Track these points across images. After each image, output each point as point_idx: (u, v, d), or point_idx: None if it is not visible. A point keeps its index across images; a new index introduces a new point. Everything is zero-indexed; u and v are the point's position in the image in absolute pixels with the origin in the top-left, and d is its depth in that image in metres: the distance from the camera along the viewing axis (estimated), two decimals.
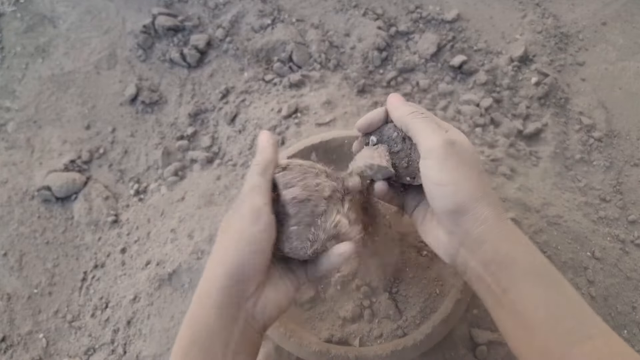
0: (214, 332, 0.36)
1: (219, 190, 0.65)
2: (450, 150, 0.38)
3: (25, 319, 0.64)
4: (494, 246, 0.36)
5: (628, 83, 0.77)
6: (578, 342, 0.33)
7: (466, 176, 0.38)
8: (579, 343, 0.33)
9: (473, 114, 0.72)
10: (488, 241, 0.37)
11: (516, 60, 0.77)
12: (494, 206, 0.38)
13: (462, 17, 0.82)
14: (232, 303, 0.37)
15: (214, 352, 0.36)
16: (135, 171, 0.73)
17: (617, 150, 0.72)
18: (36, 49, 0.84)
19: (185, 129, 0.75)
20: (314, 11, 0.83)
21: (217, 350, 0.36)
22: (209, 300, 0.37)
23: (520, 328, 0.35)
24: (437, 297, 0.52)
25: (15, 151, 0.76)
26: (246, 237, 0.37)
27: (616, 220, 0.65)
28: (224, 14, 0.83)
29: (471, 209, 0.37)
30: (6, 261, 0.68)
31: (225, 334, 0.36)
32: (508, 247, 0.36)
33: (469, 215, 0.37)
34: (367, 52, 0.77)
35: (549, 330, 0.34)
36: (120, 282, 0.63)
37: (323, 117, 0.67)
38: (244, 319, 0.37)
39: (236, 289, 0.37)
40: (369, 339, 0.51)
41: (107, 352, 0.59)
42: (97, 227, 0.69)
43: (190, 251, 0.60)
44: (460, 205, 0.37)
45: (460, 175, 0.38)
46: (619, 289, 0.59)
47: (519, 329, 0.35)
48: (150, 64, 0.81)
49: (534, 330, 0.34)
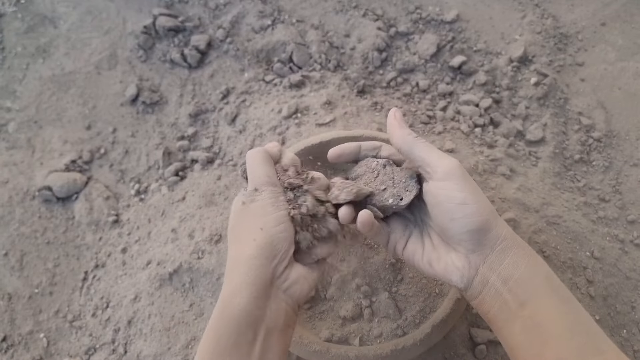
0: (247, 311, 0.36)
1: (220, 190, 0.65)
2: (464, 172, 0.39)
3: (26, 318, 0.64)
4: (513, 261, 0.38)
5: (627, 83, 0.77)
6: (591, 355, 0.34)
7: (483, 195, 0.39)
8: (592, 356, 0.34)
9: (472, 114, 0.72)
10: (509, 257, 0.38)
11: (515, 60, 0.77)
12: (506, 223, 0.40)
13: (462, 18, 0.82)
14: (264, 281, 0.37)
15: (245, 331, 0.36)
16: (136, 171, 0.73)
17: (617, 150, 0.72)
18: (37, 49, 0.84)
19: (186, 129, 0.75)
20: (314, 12, 0.83)
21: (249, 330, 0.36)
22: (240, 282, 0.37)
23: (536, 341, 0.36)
24: (436, 297, 0.52)
25: (16, 151, 0.76)
26: (272, 219, 0.39)
27: (615, 220, 0.66)
28: (224, 14, 0.83)
29: (494, 226, 0.38)
30: (7, 261, 0.68)
31: (259, 313, 0.36)
32: (526, 263, 0.37)
33: (492, 232, 0.38)
34: (367, 53, 0.77)
35: (564, 343, 0.34)
36: (121, 282, 0.64)
37: (323, 117, 0.67)
38: (277, 296, 0.38)
39: (268, 267, 0.38)
40: (369, 339, 0.51)
41: (107, 352, 0.59)
42: (98, 227, 0.69)
43: (191, 251, 0.60)
44: (484, 222, 0.38)
45: (479, 194, 0.39)
46: (618, 289, 0.59)
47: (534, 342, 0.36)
48: (150, 64, 0.81)
49: (549, 343, 0.35)
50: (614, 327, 0.57)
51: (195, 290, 0.58)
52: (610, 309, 0.58)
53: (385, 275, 0.54)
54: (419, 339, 0.47)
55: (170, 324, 0.58)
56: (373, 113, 0.70)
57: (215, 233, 0.60)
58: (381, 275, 0.54)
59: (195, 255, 0.59)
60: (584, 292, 0.58)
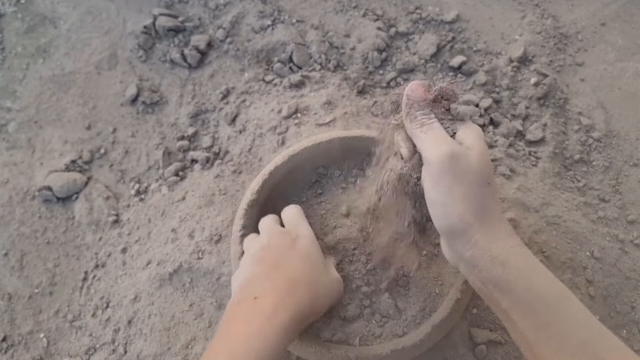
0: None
1: (220, 190, 0.65)
2: (447, 166, 0.36)
3: (26, 318, 0.64)
4: (486, 269, 0.36)
5: (627, 83, 0.77)
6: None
7: (458, 197, 0.36)
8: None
9: (472, 114, 0.72)
10: (479, 265, 0.36)
11: (515, 60, 0.77)
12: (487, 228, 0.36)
13: (462, 18, 0.82)
14: (295, 332, 0.40)
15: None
16: (136, 171, 0.73)
17: (616, 150, 0.72)
18: (37, 49, 0.84)
19: (186, 129, 0.75)
20: (314, 12, 0.83)
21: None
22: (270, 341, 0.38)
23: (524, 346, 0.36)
24: (436, 297, 0.52)
25: (16, 151, 0.76)
26: (321, 288, 0.43)
27: (615, 220, 0.66)
28: (224, 14, 0.83)
29: (460, 233, 0.36)
30: (7, 261, 0.68)
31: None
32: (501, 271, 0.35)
33: (458, 238, 0.37)
34: (367, 53, 0.77)
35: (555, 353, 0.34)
36: (121, 282, 0.64)
37: (323, 117, 0.67)
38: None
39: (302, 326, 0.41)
40: (369, 339, 0.51)
41: (107, 352, 0.59)
42: (98, 227, 0.69)
43: (191, 251, 0.60)
44: (449, 227, 0.37)
45: (452, 196, 0.36)
46: (618, 289, 0.59)
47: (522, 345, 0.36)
48: (150, 64, 0.81)
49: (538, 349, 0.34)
50: (614, 327, 0.57)
51: (195, 290, 0.58)
52: (610, 309, 0.58)
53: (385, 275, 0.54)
54: (419, 339, 0.47)
55: (170, 324, 0.58)
56: (373, 113, 0.70)
57: (215, 233, 0.60)
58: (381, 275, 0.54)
59: (195, 255, 0.59)
60: (583, 292, 0.58)
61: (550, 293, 0.35)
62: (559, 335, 0.34)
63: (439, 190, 0.37)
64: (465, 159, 0.37)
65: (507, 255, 0.36)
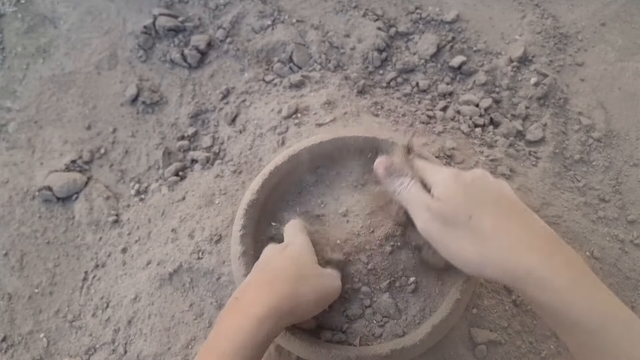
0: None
1: (220, 190, 0.65)
2: (436, 230, 0.42)
3: (26, 318, 0.64)
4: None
5: (627, 83, 0.77)
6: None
7: (455, 248, 0.41)
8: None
9: (472, 114, 0.72)
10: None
11: (515, 60, 0.77)
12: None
13: (462, 18, 0.82)
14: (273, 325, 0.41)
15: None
16: (136, 171, 0.73)
17: (616, 150, 0.72)
18: (37, 49, 0.84)
19: (186, 129, 0.75)
20: (314, 12, 0.83)
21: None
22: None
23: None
24: (436, 297, 0.52)
25: (16, 151, 0.76)
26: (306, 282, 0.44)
27: (615, 220, 0.66)
28: (224, 14, 0.83)
29: (477, 272, 0.41)
30: (7, 261, 0.68)
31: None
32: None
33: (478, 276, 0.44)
34: (367, 53, 0.77)
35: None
36: (121, 282, 0.64)
37: (323, 117, 0.67)
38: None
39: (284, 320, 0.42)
40: (369, 339, 0.51)
41: (107, 352, 0.59)
42: (98, 227, 0.69)
43: (191, 251, 0.60)
44: (469, 271, 0.42)
45: (458, 248, 0.41)
46: (618, 289, 0.60)
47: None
48: (150, 64, 0.81)
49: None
50: None
51: (195, 290, 0.58)
52: None
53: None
54: (419, 339, 0.47)
55: (170, 324, 0.58)
56: (373, 113, 0.70)
57: (215, 233, 0.60)
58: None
59: (195, 255, 0.59)
60: None
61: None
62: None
63: (445, 249, 0.42)
64: (442, 213, 0.41)
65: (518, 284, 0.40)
